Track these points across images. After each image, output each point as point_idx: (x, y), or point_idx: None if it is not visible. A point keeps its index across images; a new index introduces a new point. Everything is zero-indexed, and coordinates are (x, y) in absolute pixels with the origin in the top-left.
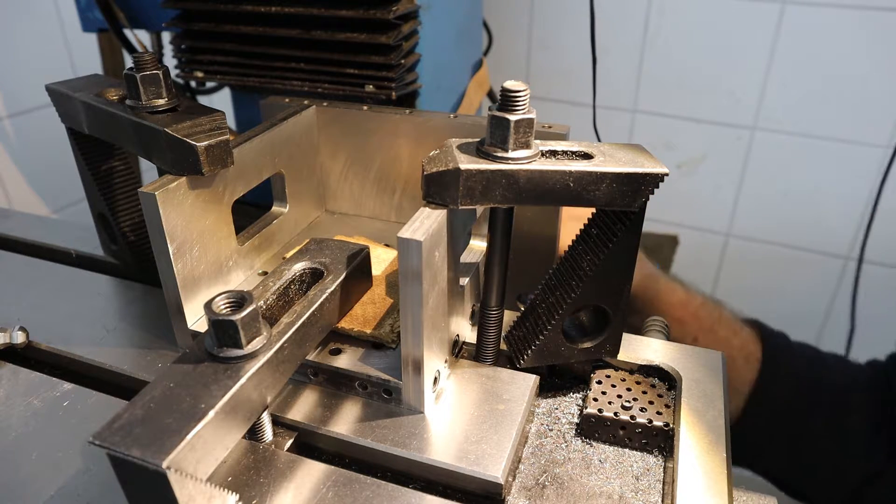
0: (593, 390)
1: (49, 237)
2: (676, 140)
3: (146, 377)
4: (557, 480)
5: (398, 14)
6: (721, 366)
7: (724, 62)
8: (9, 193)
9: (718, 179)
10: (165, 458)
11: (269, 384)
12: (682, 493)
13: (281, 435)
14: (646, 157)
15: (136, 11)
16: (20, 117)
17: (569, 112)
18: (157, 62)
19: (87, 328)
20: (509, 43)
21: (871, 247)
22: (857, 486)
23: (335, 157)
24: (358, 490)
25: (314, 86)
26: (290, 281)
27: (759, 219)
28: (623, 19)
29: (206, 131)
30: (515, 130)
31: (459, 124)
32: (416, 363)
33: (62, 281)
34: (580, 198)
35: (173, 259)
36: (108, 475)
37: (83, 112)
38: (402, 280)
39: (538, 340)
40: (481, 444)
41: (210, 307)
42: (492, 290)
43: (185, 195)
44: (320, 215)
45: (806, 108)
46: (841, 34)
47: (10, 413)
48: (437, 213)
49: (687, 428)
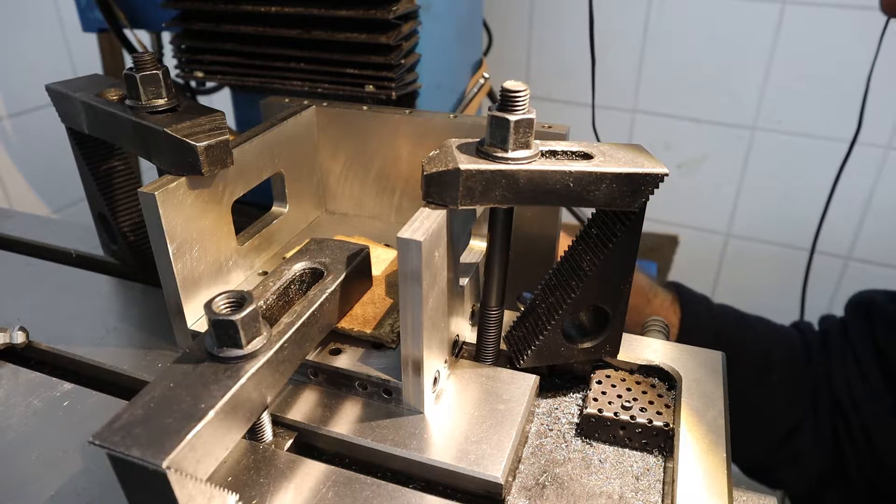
0: (593, 390)
1: (49, 237)
2: (676, 140)
3: (146, 377)
4: (557, 480)
5: (398, 14)
6: (721, 366)
7: (724, 62)
8: (9, 193)
9: (718, 179)
10: (165, 458)
11: (269, 384)
12: (682, 493)
13: (281, 435)
14: (646, 157)
15: (136, 11)
16: (20, 117)
17: (569, 112)
18: (157, 62)
19: (87, 328)
20: (509, 43)
21: (873, 246)
22: (779, 440)
23: (335, 157)
24: (358, 490)
25: (314, 86)
26: (290, 281)
27: (759, 219)
28: (623, 19)
29: (205, 131)
30: (515, 130)
31: (459, 124)
32: (416, 363)
33: (62, 281)
34: (580, 198)
35: (173, 259)
36: (108, 475)
37: (83, 112)
38: (402, 280)
39: (538, 340)
40: (481, 444)
41: (210, 307)
42: (492, 290)
43: (184, 195)
44: (320, 215)
45: (806, 108)
46: (841, 34)
47: (10, 413)
48: (436, 213)
49: (687, 428)
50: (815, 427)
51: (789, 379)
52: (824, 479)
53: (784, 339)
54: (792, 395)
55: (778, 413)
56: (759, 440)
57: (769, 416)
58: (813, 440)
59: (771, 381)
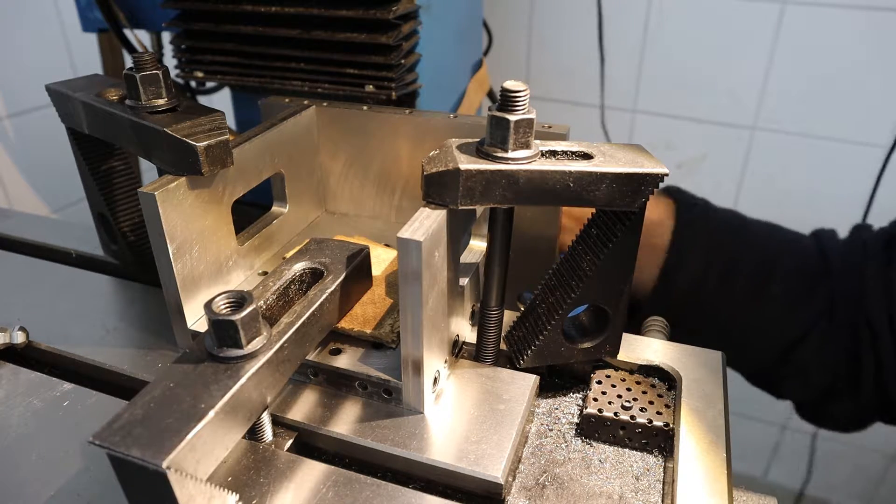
0: (593, 390)
1: (49, 237)
2: (676, 140)
3: (146, 377)
4: (557, 480)
5: (398, 14)
6: (721, 366)
7: (724, 62)
8: (9, 193)
9: (718, 179)
10: (165, 458)
11: (269, 384)
12: (682, 493)
13: (281, 435)
14: (646, 157)
15: (136, 11)
16: (20, 117)
17: (569, 112)
18: (157, 62)
19: (87, 328)
20: (509, 43)
21: None
22: (781, 351)
23: (335, 157)
24: (358, 490)
25: (314, 86)
26: (290, 281)
27: (759, 218)
28: (623, 19)
29: (205, 131)
30: (515, 130)
31: (459, 124)
32: (416, 363)
33: (62, 281)
34: (580, 198)
35: (173, 259)
36: (108, 475)
37: (83, 112)
38: (402, 280)
39: (538, 340)
40: (481, 444)
41: (210, 307)
42: (492, 290)
43: (184, 195)
44: (320, 215)
45: (806, 108)
46: (841, 34)
47: (10, 413)
48: (436, 213)
49: (687, 428)
50: (826, 339)
51: (794, 290)
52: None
53: (793, 248)
54: (798, 304)
55: (780, 322)
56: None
57: (770, 325)
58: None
59: (770, 292)
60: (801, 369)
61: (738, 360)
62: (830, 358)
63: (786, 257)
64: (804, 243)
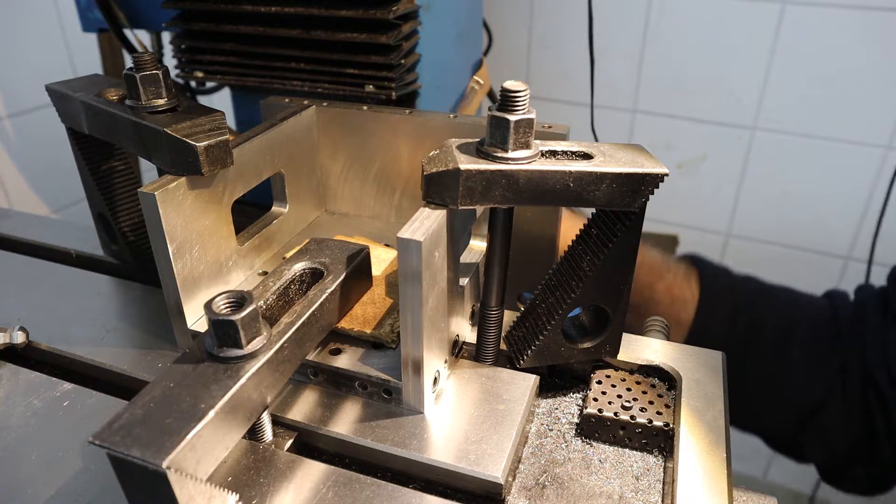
0: (593, 390)
1: (49, 237)
2: (676, 140)
3: (146, 377)
4: (557, 480)
5: (398, 14)
6: (721, 366)
7: (724, 62)
8: (9, 193)
9: (718, 179)
10: (165, 458)
11: (269, 384)
12: (682, 493)
13: (281, 435)
14: (646, 157)
15: (136, 11)
16: (20, 117)
17: (569, 112)
18: (157, 62)
19: (87, 328)
20: (509, 43)
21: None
22: (801, 417)
23: (335, 157)
24: (358, 490)
25: (314, 86)
26: (290, 281)
27: (759, 219)
28: (623, 19)
29: (205, 131)
30: (515, 130)
31: (459, 124)
32: (416, 363)
33: (62, 281)
34: (580, 198)
35: (173, 259)
36: (108, 475)
37: (83, 112)
38: (402, 280)
39: (538, 340)
40: (481, 444)
41: (210, 307)
42: (492, 290)
43: (184, 195)
44: (320, 215)
45: (806, 108)
46: (841, 34)
47: (10, 413)
48: (436, 213)
49: (687, 428)
50: (843, 404)
51: (813, 354)
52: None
53: (811, 311)
54: (816, 370)
55: (800, 389)
56: (781, 417)
57: (791, 392)
58: (841, 417)
59: (792, 357)
60: (822, 433)
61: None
62: (848, 421)
63: (803, 321)
64: (819, 306)
